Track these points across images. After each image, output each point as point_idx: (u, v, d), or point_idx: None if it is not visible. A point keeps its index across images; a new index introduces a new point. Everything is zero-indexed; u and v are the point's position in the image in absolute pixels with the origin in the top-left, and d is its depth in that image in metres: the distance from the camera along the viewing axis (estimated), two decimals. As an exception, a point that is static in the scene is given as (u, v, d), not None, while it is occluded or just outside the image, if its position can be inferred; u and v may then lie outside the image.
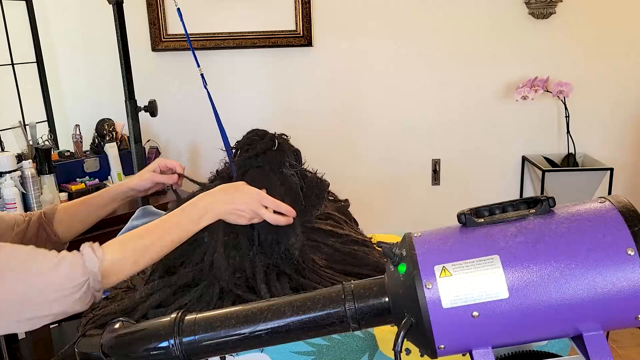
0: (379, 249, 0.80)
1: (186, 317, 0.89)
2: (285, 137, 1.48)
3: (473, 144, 3.15)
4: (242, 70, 3.06)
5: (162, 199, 2.68)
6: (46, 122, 2.85)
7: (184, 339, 0.87)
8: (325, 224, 1.49)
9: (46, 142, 2.56)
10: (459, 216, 0.79)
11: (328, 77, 3.07)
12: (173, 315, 0.90)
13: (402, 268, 0.78)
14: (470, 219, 0.79)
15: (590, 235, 0.74)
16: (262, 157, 1.40)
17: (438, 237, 0.79)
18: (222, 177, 1.47)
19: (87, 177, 2.63)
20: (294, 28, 2.97)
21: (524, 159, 3.15)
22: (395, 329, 0.78)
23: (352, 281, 0.84)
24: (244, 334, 0.85)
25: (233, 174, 1.44)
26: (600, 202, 0.77)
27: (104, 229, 2.30)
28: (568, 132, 3.00)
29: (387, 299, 0.80)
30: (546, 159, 3.08)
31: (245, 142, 1.45)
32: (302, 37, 2.97)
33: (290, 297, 0.87)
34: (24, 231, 1.34)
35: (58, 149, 2.76)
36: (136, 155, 2.29)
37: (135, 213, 1.80)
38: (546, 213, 0.77)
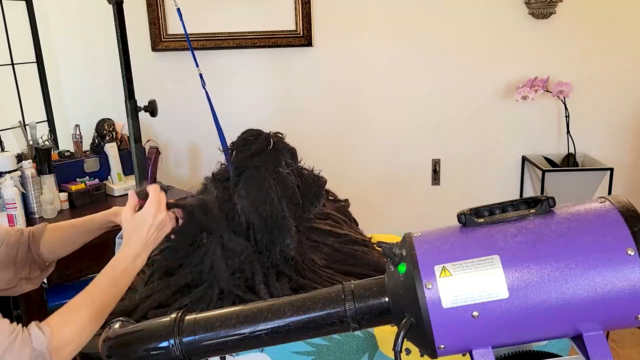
0: (379, 249, 0.80)
1: (186, 317, 0.89)
2: (281, 136, 1.47)
3: (473, 144, 3.15)
4: (242, 70, 3.06)
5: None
6: (46, 122, 2.85)
7: (184, 339, 0.87)
8: (325, 224, 1.49)
9: (46, 142, 2.56)
10: (459, 216, 0.79)
11: (328, 77, 3.06)
12: (173, 315, 0.90)
13: (402, 268, 0.78)
14: (470, 219, 0.79)
15: (590, 235, 0.74)
16: (258, 157, 1.40)
17: (438, 237, 0.79)
18: (217, 179, 1.47)
19: (87, 177, 2.63)
20: (294, 28, 2.97)
21: (524, 159, 3.14)
22: (395, 329, 0.78)
23: (352, 281, 0.84)
24: (244, 334, 0.85)
25: (230, 175, 1.44)
26: (600, 202, 0.77)
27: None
28: (568, 132, 3.00)
29: (387, 299, 0.80)
30: (546, 159, 3.07)
31: (240, 143, 1.44)
32: (302, 37, 2.97)
33: (290, 297, 0.87)
34: (16, 249, 1.31)
35: (58, 149, 2.75)
36: (136, 155, 2.29)
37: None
38: (546, 213, 0.77)
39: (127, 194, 2.61)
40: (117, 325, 0.98)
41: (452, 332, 0.74)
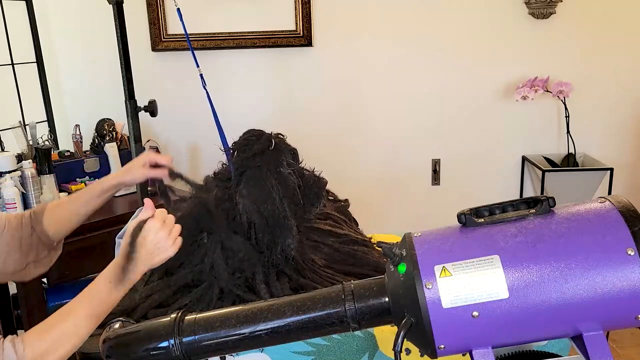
0: (379, 249, 0.80)
1: (186, 317, 0.89)
2: (282, 137, 1.48)
3: (473, 144, 3.15)
4: (242, 70, 3.06)
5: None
6: (46, 122, 2.85)
7: (184, 339, 0.87)
8: (325, 224, 1.49)
9: (46, 142, 2.56)
10: (459, 216, 0.79)
11: (328, 77, 3.06)
12: (173, 315, 0.90)
13: (402, 268, 0.78)
14: (470, 219, 0.79)
15: (590, 235, 0.74)
16: (260, 158, 1.41)
17: (438, 237, 0.79)
18: (218, 179, 1.48)
19: (87, 177, 2.63)
20: (294, 28, 2.97)
21: (524, 159, 3.14)
22: (395, 329, 0.78)
23: (352, 281, 0.84)
24: (244, 334, 0.85)
25: (232, 175, 1.44)
26: (600, 202, 0.77)
27: (103, 230, 2.32)
28: (568, 132, 3.00)
29: (387, 299, 0.80)
30: (546, 159, 3.07)
31: (242, 143, 1.45)
32: (302, 37, 2.97)
33: (290, 297, 0.87)
34: (19, 232, 1.32)
35: (58, 149, 2.75)
36: (136, 155, 2.29)
37: (135, 213, 1.79)
38: (546, 213, 0.77)
39: (127, 194, 2.62)
40: (117, 325, 0.97)
41: (452, 332, 0.74)
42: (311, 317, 0.83)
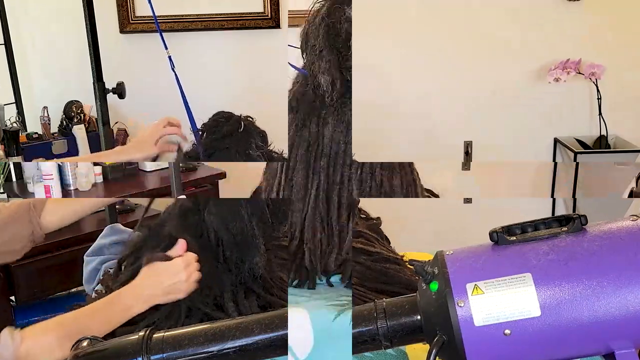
0: (411, 267, 0.92)
1: (154, 335, 0.98)
2: (251, 119, 1.61)
3: (505, 127, 3.27)
4: (210, 52, 3.18)
5: (130, 216, 2.82)
6: (14, 104, 2.96)
7: (152, 357, 0.96)
8: (356, 242, 1.61)
9: (14, 124, 2.68)
10: (490, 234, 0.90)
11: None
12: (141, 333, 0.99)
13: (434, 286, 0.88)
14: (502, 237, 0.89)
15: (622, 254, 0.84)
16: (229, 140, 1.55)
17: (470, 255, 0.90)
18: (190, 157, 1.61)
19: (55, 158, 2.75)
20: (261, 10, 3.09)
21: (556, 141, 3.27)
22: (427, 346, 0.88)
23: (384, 299, 0.95)
24: (212, 352, 0.96)
25: (200, 156, 1.57)
26: (633, 220, 0.87)
27: (72, 247, 2.44)
28: (600, 114, 3.13)
29: (419, 317, 0.91)
30: (578, 141, 3.21)
31: (211, 125, 1.59)
32: (270, 19, 3.10)
33: (259, 315, 0.98)
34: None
35: (26, 130, 2.87)
36: (104, 137, 2.41)
37: (104, 231, 1.91)
38: (578, 231, 0.88)
39: (95, 212, 2.69)
40: (84, 343, 1.02)
41: (484, 350, 0.84)
42: (279, 335, 0.94)
